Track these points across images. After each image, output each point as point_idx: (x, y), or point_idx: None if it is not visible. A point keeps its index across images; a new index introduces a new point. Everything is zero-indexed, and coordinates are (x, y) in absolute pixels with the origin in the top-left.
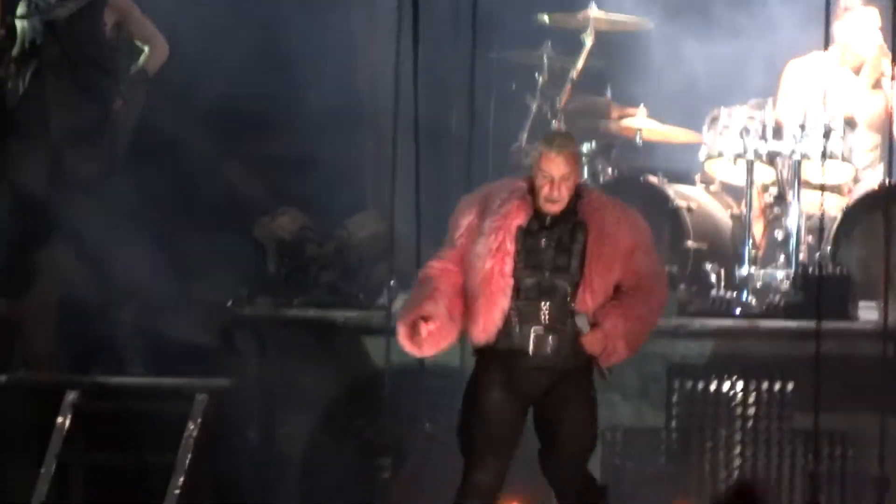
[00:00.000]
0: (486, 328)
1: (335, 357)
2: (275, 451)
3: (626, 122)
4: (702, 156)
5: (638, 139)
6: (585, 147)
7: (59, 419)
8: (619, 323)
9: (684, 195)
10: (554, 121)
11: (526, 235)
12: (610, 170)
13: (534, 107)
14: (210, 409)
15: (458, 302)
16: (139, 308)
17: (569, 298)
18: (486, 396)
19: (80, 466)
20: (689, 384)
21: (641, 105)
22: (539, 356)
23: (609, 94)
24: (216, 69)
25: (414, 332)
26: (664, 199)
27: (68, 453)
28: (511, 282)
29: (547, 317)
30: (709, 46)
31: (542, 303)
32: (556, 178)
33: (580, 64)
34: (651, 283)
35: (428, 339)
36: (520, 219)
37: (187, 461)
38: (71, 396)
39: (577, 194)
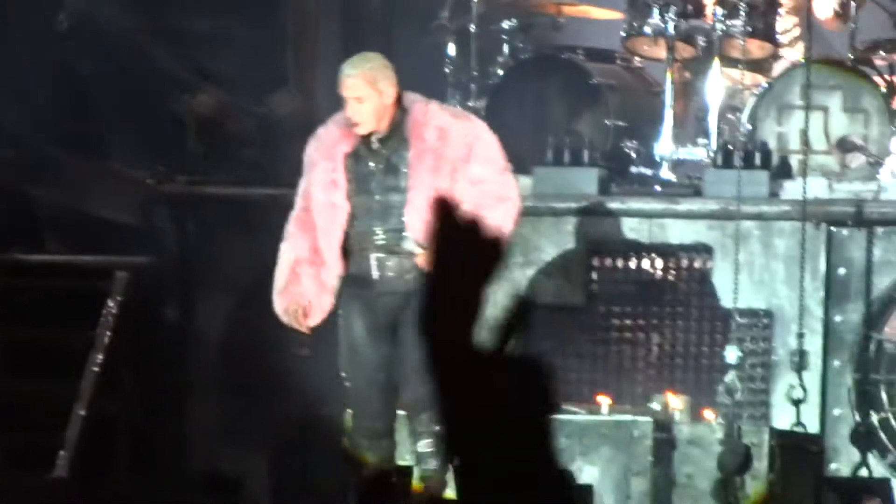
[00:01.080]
0: (331, 259)
1: (255, 235)
2: (193, 329)
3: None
4: (622, 33)
5: (558, 17)
6: (506, 24)
7: None
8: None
9: (605, 72)
10: None
11: (355, 161)
12: (530, 48)
13: None
14: (129, 287)
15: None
16: (57, 184)
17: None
18: (352, 333)
19: None
20: (608, 262)
21: None
22: (383, 281)
23: None
24: None
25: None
26: (585, 76)
27: None
28: (344, 209)
29: (383, 241)
30: None
31: (377, 227)
32: (350, 100)
33: None
34: (493, 191)
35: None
36: (345, 145)
37: (106, 338)
38: None
39: (404, 110)
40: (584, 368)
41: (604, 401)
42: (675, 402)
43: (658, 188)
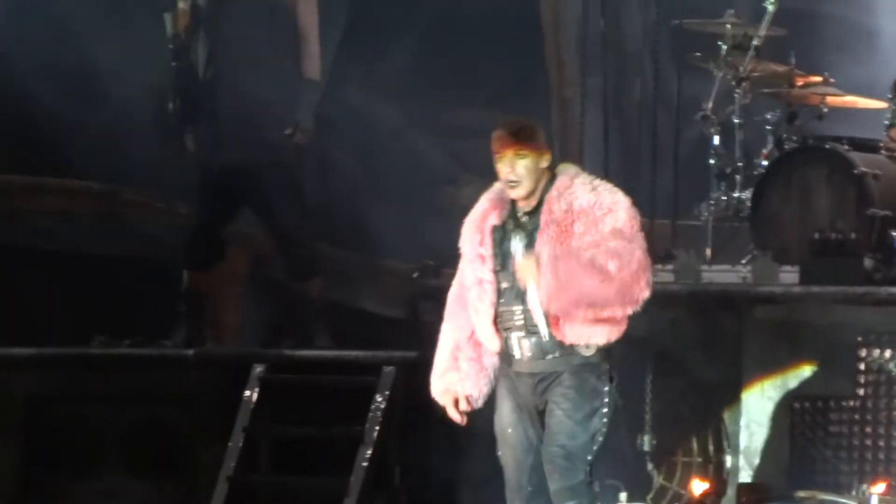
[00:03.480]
0: (485, 337)
1: None
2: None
3: (809, 90)
4: (886, 122)
5: (822, 107)
6: (770, 114)
7: (247, 392)
8: (562, 255)
9: (869, 162)
10: (738, 89)
11: (502, 235)
12: (794, 138)
13: (718, 75)
14: (397, 381)
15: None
16: (327, 281)
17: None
18: (501, 413)
19: (267, 439)
20: (876, 353)
21: (825, 73)
22: (524, 361)
23: (793, 61)
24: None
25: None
26: (849, 165)
27: (256, 426)
28: (492, 285)
29: (521, 319)
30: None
31: (515, 306)
32: (509, 156)
33: (763, 31)
34: (616, 249)
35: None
36: (494, 217)
37: (375, 433)
38: (258, 370)
39: (552, 182)
40: (854, 459)
41: (876, 491)
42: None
43: None
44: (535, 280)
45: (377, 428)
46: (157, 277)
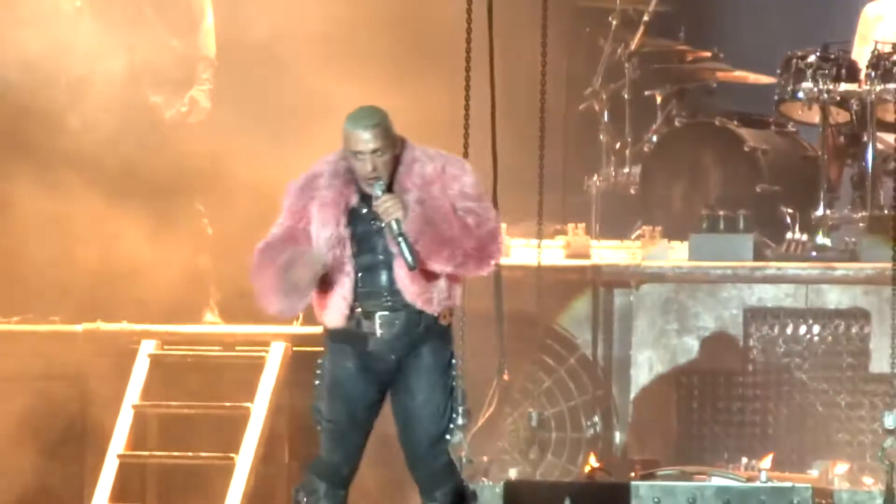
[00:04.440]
0: (333, 315)
1: None
2: None
3: (699, 65)
4: (776, 98)
5: (711, 82)
6: (659, 90)
7: (137, 369)
8: (428, 199)
9: (759, 138)
10: (627, 64)
11: (357, 219)
12: (684, 113)
13: (607, 50)
14: (287, 356)
15: None
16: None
17: None
18: (339, 371)
19: (156, 416)
20: (765, 328)
21: (715, 48)
22: (385, 340)
23: (682, 36)
24: None
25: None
26: (739, 141)
27: (145, 403)
28: (351, 268)
29: (390, 301)
30: None
31: (381, 287)
32: (368, 154)
33: (652, 6)
34: (471, 208)
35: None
36: (351, 198)
37: (264, 410)
38: (148, 346)
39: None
40: (742, 435)
41: (763, 466)
42: (838, 469)
43: (814, 253)
44: (401, 213)
45: (266, 404)
46: None
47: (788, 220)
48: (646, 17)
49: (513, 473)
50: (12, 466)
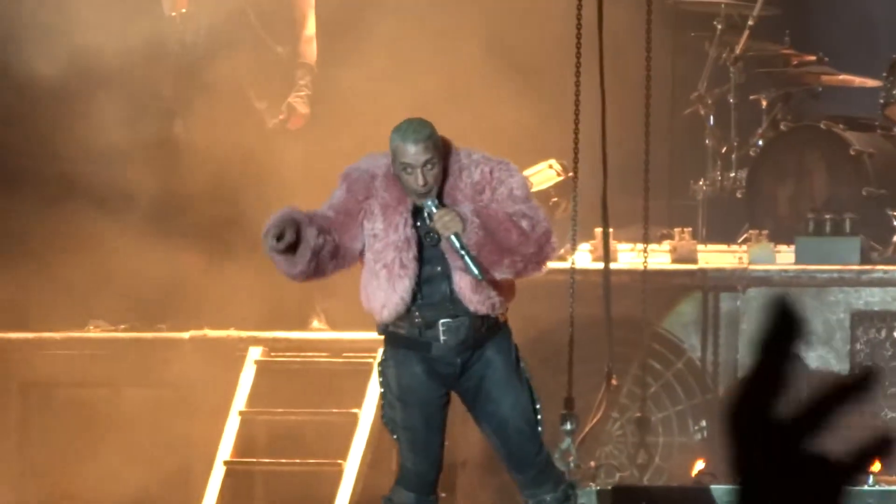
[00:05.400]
0: (389, 313)
1: None
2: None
3: (804, 69)
4: (881, 101)
5: (817, 86)
6: (765, 94)
7: (243, 375)
8: (483, 207)
9: (864, 141)
10: (732, 69)
11: (417, 227)
12: (789, 117)
13: (712, 54)
14: None
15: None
16: None
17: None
18: (406, 377)
19: (263, 422)
20: (872, 332)
21: (820, 52)
22: (449, 346)
23: (787, 40)
24: None
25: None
26: (845, 145)
27: (252, 409)
28: (412, 274)
29: (451, 307)
30: None
31: (441, 293)
32: (418, 168)
33: (757, 11)
34: (523, 211)
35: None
36: (410, 207)
37: (372, 416)
38: (255, 352)
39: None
40: (850, 439)
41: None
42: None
43: None
44: (460, 227)
45: (374, 410)
46: None
47: (895, 223)
48: (751, 22)
49: (620, 478)
50: (120, 473)
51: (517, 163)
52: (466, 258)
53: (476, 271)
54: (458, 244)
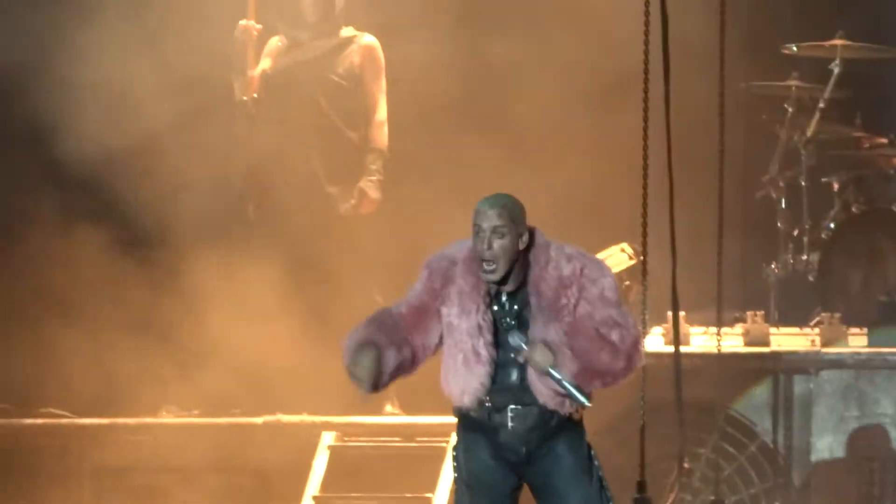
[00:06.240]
0: (469, 399)
1: None
2: None
3: (876, 152)
4: None
5: (889, 169)
6: (836, 177)
7: (317, 460)
8: (571, 333)
9: None
10: (803, 151)
11: (493, 313)
12: (861, 200)
13: (783, 137)
14: None
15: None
16: None
17: None
18: (474, 461)
19: None
20: None
21: (892, 134)
22: (518, 433)
23: (859, 122)
24: None
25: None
26: None
27: (326, 494)
28: (487, 357)
29: (520, 393)
30: None
31: (512, 381)
32: (487, 235)
33: (828, 93)
34: (613, 318)
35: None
36: (484, 286)
37: (445, 500)
38: (328, 437)
39: (527, 258)
40: None
41: None
42: None
43: None
44: (550, 362)
45: (447, 494)
46: None
47: None
48: (822, 104)
49: None
50: None
51: (587, 245)
52: (567, 389)
53: (582, 399)
54: (556, 377)
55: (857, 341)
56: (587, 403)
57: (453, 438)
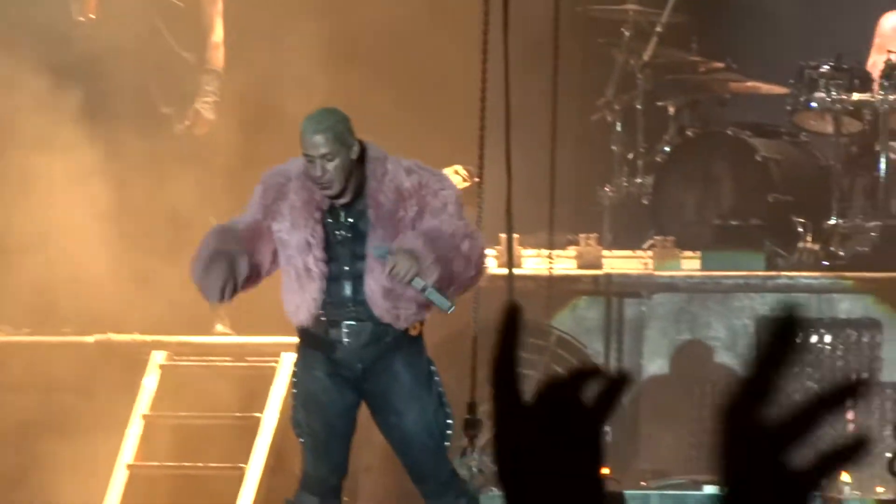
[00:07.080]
0: (291, 310)
1: None
2: None
3: (712, 76)
4: (788, 108)
5: (724, 93)
6: (672, 101)
7: (147, 379)
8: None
9: (771, 148)
10: (640, 75)
11: (326, 226)
12: (696, 124)
13: (620, 61)
14: None
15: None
16: None
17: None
18: (311, 381)
19: (166, 427)
20: None
21: (727, 59)
22: (354, 349)
23: (695, 47)
24: None
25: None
26: (751, 151)
27: (155, 413)
28: (318, 274)
29: (354, 311)
30: None
31: (346, 297)
32: (317, 159)
33: (666, 17)
34: (460, 228)
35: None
36: (322, 206)
37: (274, 421)
38: (158, 357)
39: (363, 168)
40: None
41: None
42: (845, 478)
43: (825, 262)
44: (416, 268)
45: (276, 414)
46: None
47: (801, 229)
48: (658, 28)
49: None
50: (25, 475)
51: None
52: (433, 297)
53: (446, 305)
54: (420, 286)
55: (690, 265)
56: (450, 308)
57: (284, 358)
